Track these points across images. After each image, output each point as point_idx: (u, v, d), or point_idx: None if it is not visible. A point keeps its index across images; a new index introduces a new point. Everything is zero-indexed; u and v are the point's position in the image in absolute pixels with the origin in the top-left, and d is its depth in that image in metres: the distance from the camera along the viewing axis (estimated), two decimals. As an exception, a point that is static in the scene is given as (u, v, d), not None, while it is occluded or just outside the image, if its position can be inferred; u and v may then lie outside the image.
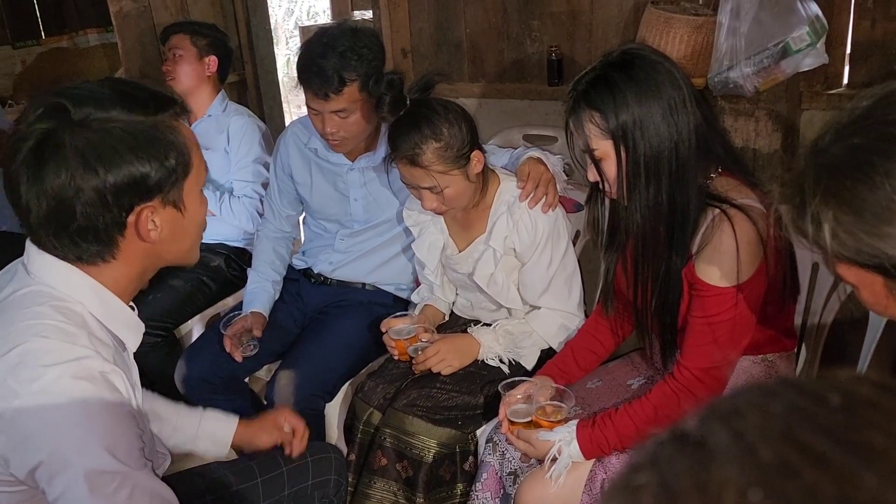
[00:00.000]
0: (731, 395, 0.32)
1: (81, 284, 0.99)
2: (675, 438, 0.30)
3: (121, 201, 0.94)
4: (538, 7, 2.62)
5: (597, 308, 1.67)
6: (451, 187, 1.61)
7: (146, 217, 0.97)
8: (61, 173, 0.91)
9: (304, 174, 2.03)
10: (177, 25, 2.51)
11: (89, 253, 0.98)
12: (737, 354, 1.39)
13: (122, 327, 1.04)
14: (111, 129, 0.93)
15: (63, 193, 0.92)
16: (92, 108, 0.93)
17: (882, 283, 0.84)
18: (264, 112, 3.57)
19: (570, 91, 1.34)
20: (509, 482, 1.51)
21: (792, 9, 1.93)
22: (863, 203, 0.80)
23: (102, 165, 0.92)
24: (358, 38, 1.75)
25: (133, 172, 0.94)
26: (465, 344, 1.73)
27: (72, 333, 0.94)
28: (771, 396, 0.30)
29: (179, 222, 1.02)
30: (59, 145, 0.91)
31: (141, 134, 0.94)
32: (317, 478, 1.43)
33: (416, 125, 1.58)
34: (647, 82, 1.28)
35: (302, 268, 2.15)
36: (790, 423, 0.28)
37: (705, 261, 1.31)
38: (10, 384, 0.89)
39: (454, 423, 1.65)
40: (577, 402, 1.57)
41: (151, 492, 0.95)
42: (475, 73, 2.87)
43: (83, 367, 0.92)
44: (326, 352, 1.90)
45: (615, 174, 1.32)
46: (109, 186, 0.93)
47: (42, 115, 0.93)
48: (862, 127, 0.82)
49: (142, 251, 1.01)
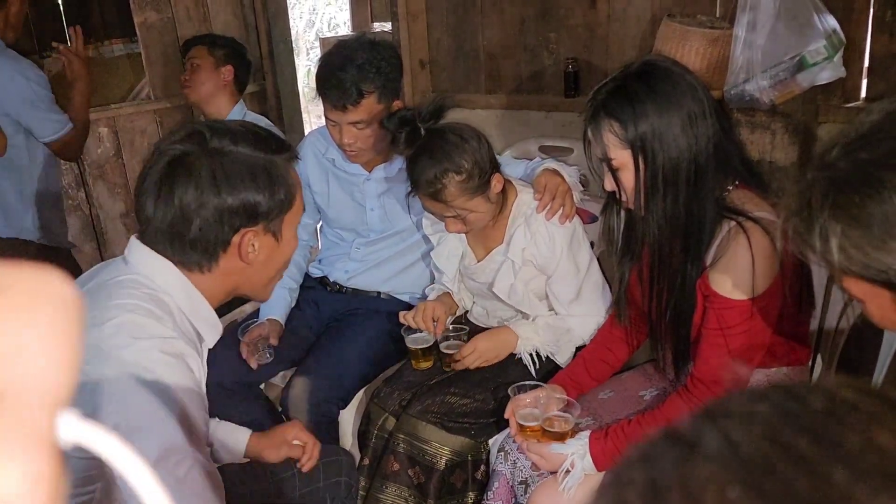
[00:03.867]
0: (725, 398, 0.33)
1: (175, 280, 1.09)
2: (667, 437, 0.32)
3: (233, 221, 1.07)
4: (555, 20, 2.64)
5: (610, 318, 1.67)
6: (475, 212, 1.63)
7: (248, 240, 1.09)
8: (190, 190, 1.04)
9: (322, 184, 2.06)
10: (196, 38, 2.60)
11: (192, 261, 1.09)
12: (751, 367, 1.39)
13: (204, 323, 1.13)
14: (238, 159, 1.07)
15: (188, 207, 1.05)
16: (228, 140, 1.08)
17: (889, 297, 0.84)
18: (284, 122, 3.61)
19: (590, 100, 1.35)
20: (520, 491, 1.52)
21: (809, 22, 1.93)
22: (871, 218, 0.80)
23: (226, 188, 1.05)
24: (376, 52, 1.78)
25: (249, 199, 1.07)
26: (503, 337, 1.74)
27: (160, 317, 1.03)
28: (760, 399, 0.32)
29: (273, 250, 1.14)
30: (194, 165, 1.05)
31: (261, 167, 1.08)
32: (328, 480, 1.45)
33: (435, 160, 1.57)
34: (668, 94, 1.28)
35: (318, 276, 2.18)
36: (774, 424, 0.30)
37: (720, 273, 1.31)
38: (103, 350, 0.96)
39: (467, 431, 1.66)
40: (590, 412, 1.57)
41: (206, 472, 1.00)
42: (492, 85, 2.89)
43: (170, 345, 1.01)
44: (341, 359, 1.92)
45: (633, 184, 1.33)
46: (227, 207, 1.06)
47: (183, 139, 1.07)
48: (870, 142, 0.82)
49: (235, 270, 1.12)
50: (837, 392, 0.31)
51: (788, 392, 0.32)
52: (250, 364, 1.95)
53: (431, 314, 1.76)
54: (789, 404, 0.31)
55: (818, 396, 0.31)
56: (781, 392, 0.32)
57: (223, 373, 1.97)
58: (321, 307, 2.12)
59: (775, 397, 0.32)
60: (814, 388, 0.32)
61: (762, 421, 0.30)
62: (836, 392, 0.31)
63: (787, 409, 0.31)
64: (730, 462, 0.29)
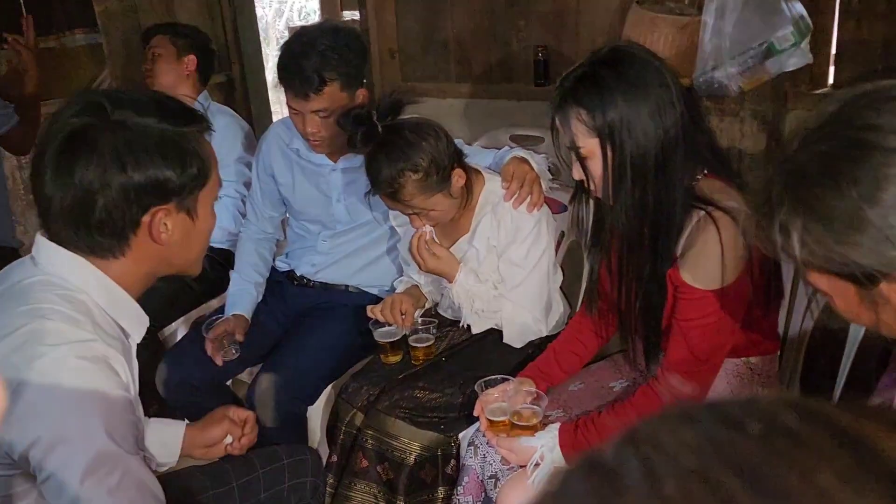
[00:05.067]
0: (654, 418, 0.29)
1: (88, 275, 1.02)
2: (587, 466, 0.28)
3: (140, 200, 0.99)
4: (524, 7, 2.61)
5: (580, 309, 1.66)
6: (436, 209, 1.61)
7: (160, 219, 1.02)
8: (91, 167, 0.96)
9: (287, 175, 2.01)
10: (158, 27, 2.54)
11: (102, 247, 1.01)
12: (720, 357, 1.38)
13: (127, 318, 1.07)
14: (145, 132, 0.99)
15: (90, 186, 0.96)
16: (131, 111, 0.99)
17: (854, 291, 0.83)
18: (252, 112, 3.54)
19: (558, 87, 1.32)
20: (490, 486, 1.50)
21: (776, 8, 1.92)
22: (831, 211, 0.78)
23: (132, 164, 0.97)
24: (339, 38, 1.73)
25: (157, 175, 0.99)
26: (449, 263, 1.69)
27: (76, 319, 0.97)
28: (689, 423, 0.28)
29: (189, 229, 1.07)
30: (94, 141, 0.96)
31: (170, 141, 1.01)
32: (293, 480, 1.42)
33: (392, 159, 1.55)
34: (636, 80, 1.26)
35: (285, 270, 2.13)
36: (702, 455, 0.26)
37: (689, 263, 1.30)
38: (14, 361, 0.91)
39: (436, 426, 1.63)
40: (560, 405, 1.56)
41: (140, 480, 0.96)
42: (462, 74, 2.86)
43: (87, 349, 0.94)
44: (308, 355, 1.88)
45: (601, 173, 1.30)
46: (134, 184, 0.98)
47: (80, 111, 0.98)
48: (829, 132, 0.80)
49: (151, 252, 1.05)
50: (777, 417, 0.27)
51: (723, 416, 0.28)
52: (216, 361, 1.90)
53: (399, 307, 1.73)
54: (722, 432, 0.27)
55: (755, 422, 0.27)
56: (715, 415, 0.28)
57: (189, 370, 1.93)
58: (288, 302, 2.08)
59: (708, 421, 0.28)
60: (752, 411, 0.28)
61: (691, 450, 0.27)
62: (777, 416, 0.27)
63: (719, 439, 0.27)
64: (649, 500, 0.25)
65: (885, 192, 0.75)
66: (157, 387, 1.95)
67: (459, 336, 1.83)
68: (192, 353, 1.95)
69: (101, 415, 0.92)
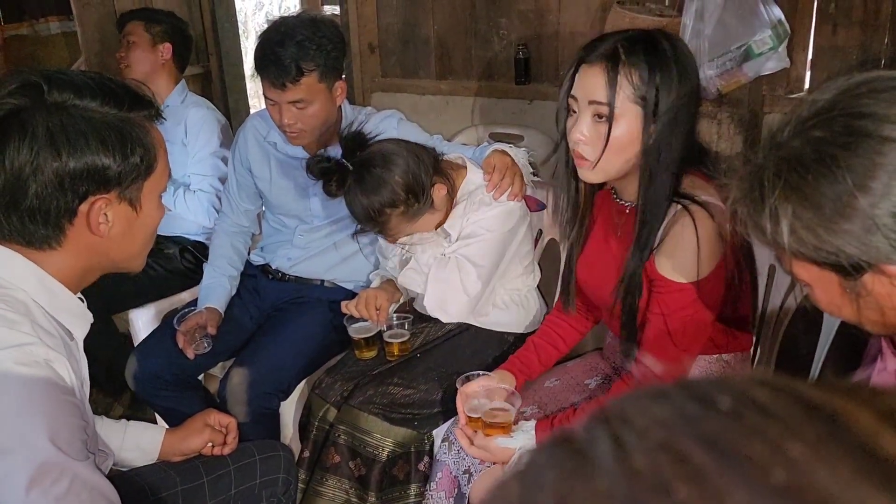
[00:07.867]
0: (625, 396, 0.29)
1: (24, 270, 0.97)
2: (555, 443, 0.27)
3: (77, 188, 0.94)
4: (505, 5, 2.61)
5: (557, 304, 1.65)
6: (424, 226, 1.64)
7: (99, 209, 0.97)
8: (23, 150, 0.91)
9: (263, 168, 1.99)
10: (132, 13, 2.48)
11: (36, 237, 0.96)
12: (695, 352, 1.38)
13: (68, 315, 1.02)
14: (83, 116, 0.93)
15: (21, 170, 0.91)
16: (70, 93, 0.94)
17: (837, 281, 0.83)
18: (229, 105, 3.50)
19: (602, 40, 1.24)
20: (464, 481, 1.49)
21: (755, 12, 1.94)
22: (823, 198, 0.77)
23: (67, 149, 0.92)
24: (317, 28, 1.71)
25: (95, 161, 0.94)
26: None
27: (13, 320, 0.92)
28: (660, 398, 0.28)
29: (132, 222, 1.01)
30: (27, 122, 0.91)
31: (111, 126, 0.95)
32: (265, 476, 1.39)
33: (369, 199, 1.55)
34: (686, 61, 1.22)
35: (260, 264, 2.11)
36: (672, 430, 0.26)
37: (665, 256, 1.29)
38: None
39: (410, 422, 1.62)
40: (535, 401, 1.55)
41: (91, 486, 0.91)
42: (442, 71, 2.85)
43: (26, 353, 0.89)
44: (282, 350, 1.85)
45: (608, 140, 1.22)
46: (69, 171, 0.93)
47: (15, 91, 0.93)
48: (824, 120, 0.79)
49: (89, 244, 0.99)
50: (749, 391, 0.27)
51: (693, 391, 0.28)
52: (187, 354, 1.87)
53: (374, 302, 1.71)
54: (693, 407, 0.27)
55: (726, 397, 0.27)
56: (686, 391, 0.28)
57: (159, 364, 1.90)
58: (262, 295, 2.05)
59: (678, 397, 0.27)
60: (723, 387, 0.28)
61: (661, 425, 0.26)
62: (748, 391, 0.27)
63: (689, 413, 0.26)
64: (617, 476, 0.25)
65: (875, 181, 0.75)
66: (127, 380, 1.92)
67: (435, 332, 1.82)
68: (163, 347, 1.92)
69: (43, 423, 0.88)
